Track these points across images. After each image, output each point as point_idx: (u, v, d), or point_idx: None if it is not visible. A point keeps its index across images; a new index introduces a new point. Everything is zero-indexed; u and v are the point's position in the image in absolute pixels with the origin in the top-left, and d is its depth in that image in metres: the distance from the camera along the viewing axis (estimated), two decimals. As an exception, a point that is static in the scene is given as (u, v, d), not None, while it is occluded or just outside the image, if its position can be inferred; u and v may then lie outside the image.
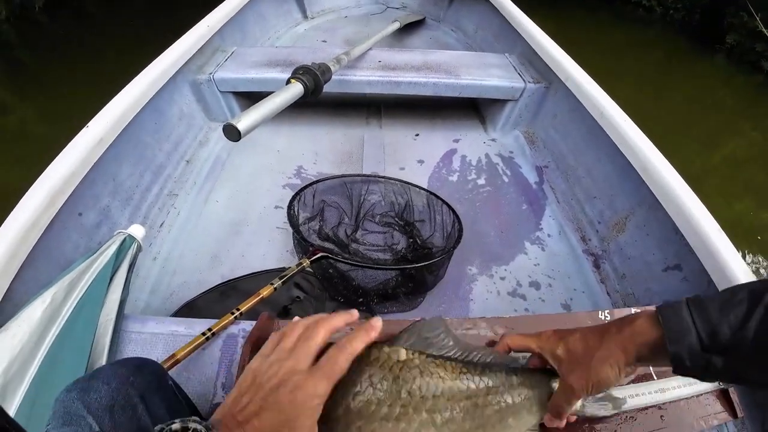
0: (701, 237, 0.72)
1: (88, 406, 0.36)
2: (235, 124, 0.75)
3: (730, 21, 4.98)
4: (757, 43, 4.64)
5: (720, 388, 0.61)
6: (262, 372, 0.34)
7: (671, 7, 5.60)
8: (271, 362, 0.34)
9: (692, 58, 4.82)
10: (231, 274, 0.89)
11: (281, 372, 0.33)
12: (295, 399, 0.31)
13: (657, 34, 5.27)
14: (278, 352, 0.35)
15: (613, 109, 0.97)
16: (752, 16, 4.30)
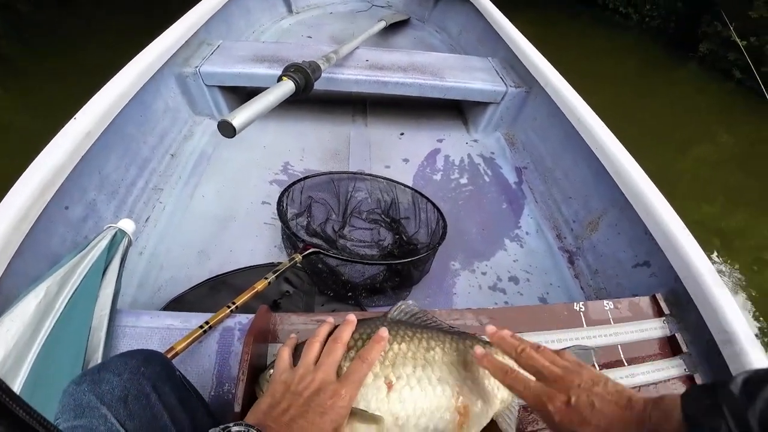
0: (668, 236, 0.78)
1: (101, 397, 0.37)
2: (230, 120, 0.76)
3: (704, 30, 5.21)
4: (729, 51, 4.88)
5: (686, 374, 0.67)
6: (295, 383, 0.41)
7: (647, 15, 5.79)
8: (301, 375, 0.42)
9: (667, 65, 5.03)
10: (219, 269, 0.89)
11: (315, 382, 0.41)
12: (335, 404, 0.39)
13: (634, 40, 5.47)
14: (305, 366, 0.43)
15: (589, 116, 1.03)
16: (726, 25, 4.50)
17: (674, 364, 0.67)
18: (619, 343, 0.67)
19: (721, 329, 0.67)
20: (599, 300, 0.71)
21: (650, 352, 0.69)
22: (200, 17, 1.28)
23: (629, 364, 0.66)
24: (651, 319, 0.72)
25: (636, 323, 0.70)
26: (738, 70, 4.94)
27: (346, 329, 0.47)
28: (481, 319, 0.62)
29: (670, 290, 0.79)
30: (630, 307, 0.72)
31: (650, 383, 0.64)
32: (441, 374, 0.49)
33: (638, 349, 0.68)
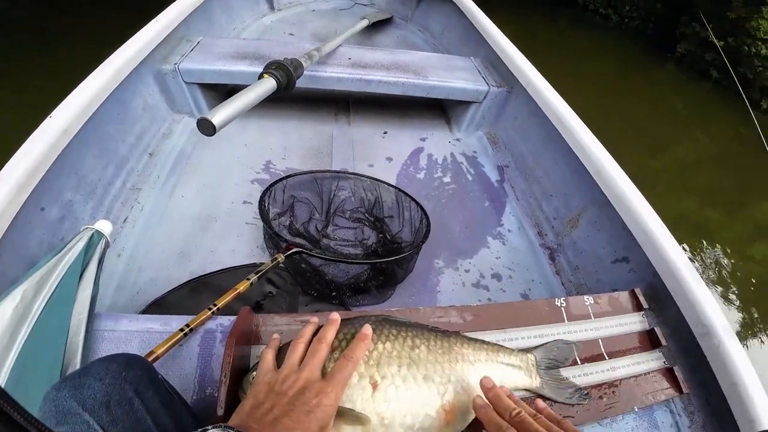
0: (646, 232, 0.80)
1: (83, 403, 0.36)
2: (210, 118, 0.75)
3: (682, 31, 5.36)
4: (707, 52, 5.03)
5: (666, 367, 0.69)
6: (279, 382, 0.40)
7: (627, 16, 5.91)
8: (285, 375, 0.41)
9: (646, 65, 5.16)
10: (200, 270, 0.88)
11: (300, 381, 0.40)
12: (320, 402, 0.38)
13: (614, 41, 5.59)
14: (289, 367, 0.42)
15: (570, 115, 1.05)
16: (704, 26, 4.61)
17: (654, 357, 0.69)
18: (599, 337, 0.68)
19: (699, 322, 0.69)
20: (580, 295, 0.72)
21: (630, 346, 0.71)
22: (180, 13, 1.26)
23: (610, 357, 0.67)
24: (630, 313, 0.74)
25: (616, 318, 0.72)
26: (715, 70, 5.10)
27: (330, 329, 0.47)
28: (465, 316, 0.63)
29: (648, 285, 0.81)
30: (610, 302, 0.73)
31: (630, 376, 0.66)
32: (426, 372, 0.49)
33: (618, 342, 0.70)
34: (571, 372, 0.63)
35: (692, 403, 0.68)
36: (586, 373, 0.64)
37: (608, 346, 0.68)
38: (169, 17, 1.20)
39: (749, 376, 0.62)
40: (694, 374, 0.70)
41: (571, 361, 0.64)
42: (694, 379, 0.70)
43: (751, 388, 0.61)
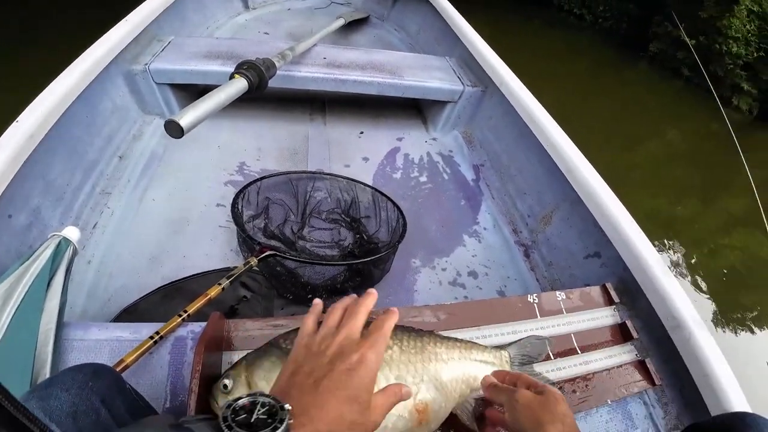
0: (616, 228, 0.82)
1: (50, 413, 0.35)
2: (177, 120, 0.73)
3: (654, 30, 5.50)
4: (679, 51, 5.18)
5: (638, 359, 0.71)
6: (317, 344, 0.38)
7: (601, 16, 6.03)
8: (323, 336, 0.39)
9: (619, 65, 5.29)
10: (173, 275, 0.86)
11: (337, 342, 0.38)
12: (363, 358, 0.36)
13: (588, 41, 5.70)
14: (327, 329, 0.40)
15: (542, 115, 1.06)
16: (676, 26, 4.75)
17: (626, 350, 0.71)
18: (572, 332, 0.70)
19: (669, 315, 0.71)
20: (552, 291, 0.73)
21: (602, 340, 0.72)
22: (151, 12, 1.23)
23: (582, 351, 0.68)
24: (602, 307, 0.75)
25: (588, 312, 0.73)
26: (687, 68, 5.26)
27: (369, 298, 0.45)
28: (438, 314, 0.63)
29: (619, 279, 0.83)
30: (581, 297, 0.75)
31: (603, 369, 0.67)
32: (399, 373, 0.49)
33: (591, 336, 0.71)
34: (545, 367, 0.64)
35: (666, 394, 0.70)
36: (559, 367, 0.65)
37: (580, 341, 0.70)
38: (139, 16, 1.17)
39: (721, 367, 0.64)
40: (666, 366, 0.72)
41: (545, 356, 0.65)
42: (667, 371, 0.71)
43: (724, 380, 0.62)
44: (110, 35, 1.05)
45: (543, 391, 0.46)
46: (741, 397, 0.61)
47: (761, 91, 5.69)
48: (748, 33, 5.33)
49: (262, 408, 0.31)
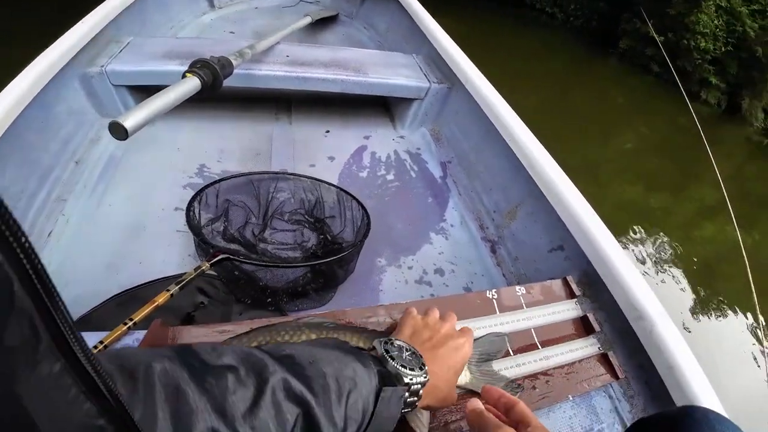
0: (577, 222, 0.82)
1: None
2: (121, 122, 0.70)
3: (623, 27, 5.62)
4: (648, 47, 5.31)
5: (600, 353, 0.70)
6: (431, 323, 0.51)
7: (572, 14, 6.15)
8: (434, 320, 0.52)
9: (590, 61, 5.39)
10: (129, 282, 0.82)
11: (447, 326, 0.51)
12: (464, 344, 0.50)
13: (560, 39, 5.80)
14: (434, 317, 0.52)
15: (506, 111, 1.06)
16: (645, 22, 4.86)
17: (588, 344, 0.70)
18: (532, 327, 0.69)
19: (631, 307, 0.70)
20: (513, 286, 0.72)
21: (564, 333, 0.71)
22: (109, 13, 1.19)
23: (543, 346, 0.68)
24: (563, 301, 0.75)
25: (548, 306, 0.72)
26: (656, 64, 5.40)
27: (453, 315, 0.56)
28: (393, 314, 0.61)
29: (583, 272, 0.83)
30: (542, 291, 0.74)
31: (564, 364, 0.66)
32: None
33: (552, 331, 0.70)
34: (504, 364, 0.63)
35: (632, 387, 0.70)
36: (519, 363, 0.64)
37: (541, 335, 0.69)
38: (97, 17, 1.13)
39: (685, 358, 0.64)
40: (631, 359, 0.72)
41: (504, 353, 0.64)
42: (632, 364, 0.71)
43: (688, 371, 0.62)
44: (66, 37, 1.02)
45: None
46: (707, 387, 0.61)
47: (729, 85, 5.88)
48: (716, 28, 5.50)
49: (407, 351, 0.42)
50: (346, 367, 0.37)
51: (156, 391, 0.27)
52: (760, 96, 5.84)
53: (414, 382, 0.40)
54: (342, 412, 0.34)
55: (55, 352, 0.19)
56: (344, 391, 0.35)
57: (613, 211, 2.60)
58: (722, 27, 5.55)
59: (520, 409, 0.43)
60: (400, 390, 0.39)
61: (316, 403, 0.33)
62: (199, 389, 0.29)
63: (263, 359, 0.33)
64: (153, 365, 0.28)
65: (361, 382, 0.37)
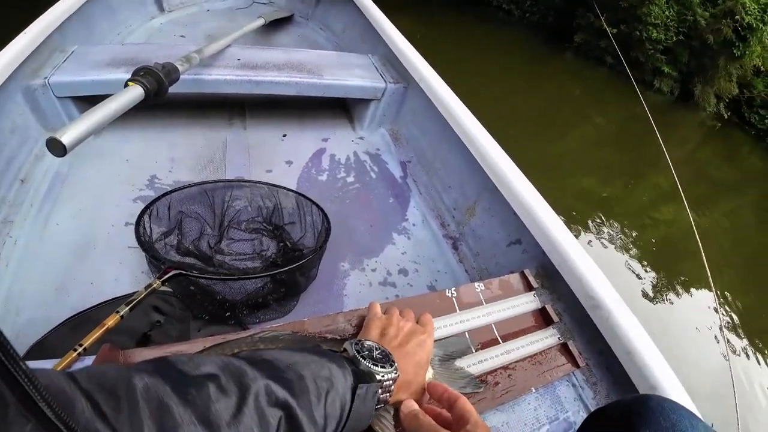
0: (532, 215, 0.84)
1: None
2: (58, 137, 0.66)
3: (578, 21, 5.79)
4: (601, 40, 5.49)
5: (560, 343, 0.71)
6: (395, 322, 0.54)
7: (528, 10, 6.29)
8: (396, 319, 0.55)
9: (546, 57, 5.52)
10: (81, 305, 0.78)
11: (408, 326, 0.54)
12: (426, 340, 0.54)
13: (517, 35, 5.92)
14: (396, 317, 0.56)
15: (460, 109, 1.07)
16: (598, 16, 5.03)
17: (549, 335, 0.71)
18: (492, 322, 0.70)
19: (587, 296, 0.72)
20: (471, 283, 0.73)
21: (524, 326, 0.73)
22: (53, 21, 1.13)
23: (504, 341, 0.68)
24: (521, 294, 0.76)
25: (507, 300, 0.73)
26: (610, 56, 5.60)
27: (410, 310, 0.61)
28: (352, 321, 0.60)
29: (540, 264, 0.84)
30: (500, 286, 0.75)
31: (526, 356, 0.67)
32: None
33: (512, 325, 0.71)
34: (466, 361, 0.63)
35: (594, 374, 0.71)
36: (481, 360, 0.64)
37: (501, 330, 0.70)
38: (39, 27, 1.07)
39: (643, 343, 0.65)
40: (591, 346, 0.73)
41: (465, 349, 0.64)
42: (593, 351, 0.73)
43: (647, 355, 0.64)
44: (8, 49, 0.96)
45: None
46: (666, 370, 0.63)
47: (681, 73, 6.18)
48: (667, 18, 5.75)
49: (377, 351, 0.45)
50: (322, 368, 0.39)
51: (140, 408, 0.27)
52: (712, 82, 6.17)
53: (386, 378, 0.43)
54: (322, 411, 0.36)
55: (24, 413, 0.20)
56: (322, 392, 0.37)
57: (573, 201, 2.68)
58: (673, 17, 5.82)
59: (460, 405, 0.44)
60: (374, 386, 0.41)
61: (297, 404, 0.34)
62: (182, 401, 0.29)
63: (241, 366, 0.34)
64: (134, 382, 0.28)
65: (338, 381, 0.39)
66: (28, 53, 1.00)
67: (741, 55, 5.86)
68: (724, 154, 5.36)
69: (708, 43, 5.82)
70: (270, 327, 0.56)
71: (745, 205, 4.14)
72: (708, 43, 5.81)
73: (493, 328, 0.70)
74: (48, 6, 1.21)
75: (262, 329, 0.55)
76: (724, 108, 6.49)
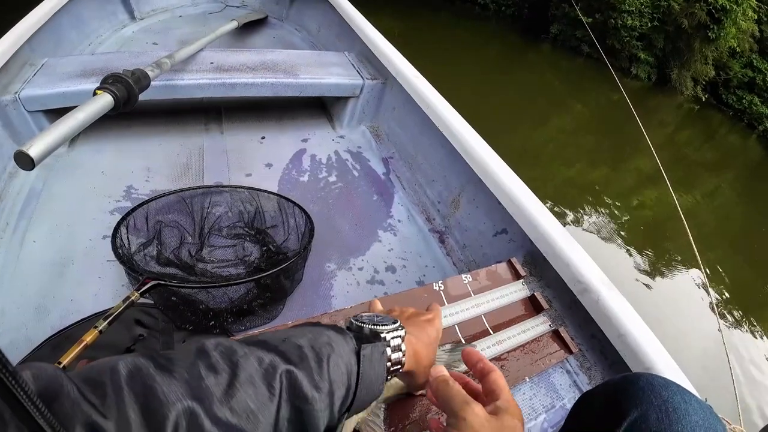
0: (516, 204, 0.83)
1: None
2: (26, 150, 0.63)
3: (553, 12, 5.85)
4: (577, 30, 5.55)
5: (551, 330, 0.71)
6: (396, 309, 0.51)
7: (503, 4, 6.33)
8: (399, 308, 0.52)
9: (523, 49, 5.57)
10: (61, 323, 0.76)
11: (411, 310, 0.51)
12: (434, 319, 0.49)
13: (493, 29, 5.96)
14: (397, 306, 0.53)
15: (439, 102, 1.07)
16: (573, 6, 5.08)
17: (539, 322, 0.71)
18: (482, 313, 0.69)
19: (575, 280, 0.72)
20: (458, 275, 0.72)
21: (514, 316, 0.72)
22: (21, 35, 1.10)
23: (495, 331, 0.68)
24: (510, 283, 0.75)
25: (496, 290, 0.73)
26: (586, 45, 5.66)
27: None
28: (336, 320, 0.59)
29: (528, 252, 0.84)
30: (488, 276, 0.74)
31: (518, 346, 0.67)
32: None
33: (502, 315, 0.71)
34: (457, 356, 0.62)
35: (588, 359, 0.71)
36: None
37: (491, 321, 0.69)
38: (8, 42, 1.04)
39: (634, 324, 0.65)
40: (582, 331, 0.73)
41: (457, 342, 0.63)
42: (585, 336, 0.72)
43: (639, 335, 0.64)
44: None
45: (498, 412, 0.37)
46: (659, 349, 0.63)
47: (657, 58, 6.28)
48: (641, 5, 5.84)
49: (377, 317, 0.43)
50: (320, 335, 0.37)
51: (125, 393, 0.27)
52: (688, 66, 6.29)
53: (391, 336, 0.40)
54: (325, 375, 0.34)
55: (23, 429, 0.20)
56: (323, 356, 0.34)
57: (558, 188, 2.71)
58: (647, 3, 5.90)
59: (493, 378, 0.41)
60: (380, 345, 0.38)
61: (297, 371, 0.32)
62: (166, 380, 0.28)
63: (232, 345, 0.33)
64: (118, 368, 0.28)
65: (338, 346, 0.36)
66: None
67: (716, 37, 5.98)
68: (704, 135, 5.46)
69: (683, 28, 5.93)
70: (253, 333, 0.54)
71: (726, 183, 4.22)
72: (683, 27, 5.92)
73: (483, 319, 0.69)
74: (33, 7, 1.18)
75: (245, 335, 0.54)
76: (701, 91, 6.62)
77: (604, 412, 0.44)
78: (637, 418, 0.40)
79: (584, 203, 2.84)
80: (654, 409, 0.40)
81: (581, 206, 2.82)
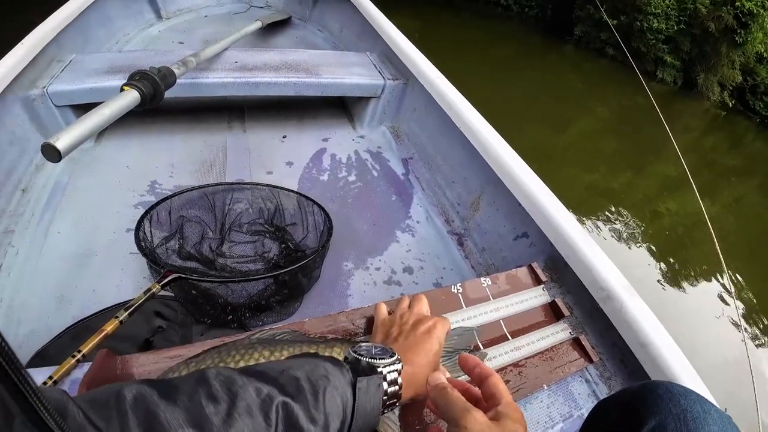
0: (538, 207, 0.81)
1: None
2: (53, 143, 0.65)
3: (578, 14, 5.76)
4: (602, 32, 5.45)
5: (572, 337, 0.69)
6: (398, 317, 0.53)
7: (526, 5, 6.25)
8: (401, 314, 0.54)
9: (546, 50, 5.49)
10: (82, 313, 0.77)
11: (414, 315, 0.53)
12: (436, 325, 0.51)
13: (515, 30, 5.90)
14: (401, 309, 0.56)
15: (461, 102, 1.06)
16: (598, 8, 4.99)
17: (559, 329, 0.69)
18: (500, 318, 0.68)
19: (598, 287, 0.70)
20: (477, 278, 0.71)
21: (533, 321, 0.70)
22: (49, 32, 1.13)
23: (513, 337, 0.66)
24: (530, 288, 0.74)
25: (515, 295, 0.71)
26: (611, 47, 5.55)
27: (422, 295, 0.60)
28: (355, 320, 0.59)
29: (549, 257, 0.82)
30: (508, 280, 0.73)
31: (537, 353, 0.65)
32: None
33: (521, 320, 0.69)
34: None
35: (608, 368, 0.69)
36: (489, 357, 0.62)
37: (510, 326, 0.68)
38: (36, 38, 1.08)
39: (657, 333, 0.63)
40: (603, 339, 0.71)
41: (473, 347, 0.62)
42: (605, 344, 0.70)
43: (662, 345, 0.62)
44: (5, 60, 0.97)
45: (500, 417, 0.37)
46: (681, 360, 0.61)
47: (683, 62, 6.11)
48: (667, 8, 5.70)
49: (376, 348, 0.43)
50: (317, 367, 0.38)
51: (129, 418, 0.28)
52: (715, 70, 6.10)
53: (388, 370, 0.41)
54: (321, 408, 0.35)
55: (28, 425, 0.21)
56: (319, 389, 0.35)
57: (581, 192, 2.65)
58: (674, 6, 5.75)
59: (492, 383, 0.40)
60: (375, 378, 0.39)
61: (293, 404, 0.33)
62: (169, 407, 0.29)
63: (232, 375, 0.34)
64: (123, 393, 0.29)
65: (334, 378, 0.37)
66: (24, 64, 1.01)
67: (743, 42, 5.79)
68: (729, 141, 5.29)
69: (709, 31, 5.76)
70: (269, 328, 0.55)
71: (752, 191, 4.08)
72: (709, 30, 5.75)
73: (501, 324, 0.67)
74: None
75: (261, 330, 0.54)
76: (728, 96, 6.41)
77: (621, 419, 0.43)
78: (655, 426, 0.39)
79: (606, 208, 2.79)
80: (672, 417, 0.39)
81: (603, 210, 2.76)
